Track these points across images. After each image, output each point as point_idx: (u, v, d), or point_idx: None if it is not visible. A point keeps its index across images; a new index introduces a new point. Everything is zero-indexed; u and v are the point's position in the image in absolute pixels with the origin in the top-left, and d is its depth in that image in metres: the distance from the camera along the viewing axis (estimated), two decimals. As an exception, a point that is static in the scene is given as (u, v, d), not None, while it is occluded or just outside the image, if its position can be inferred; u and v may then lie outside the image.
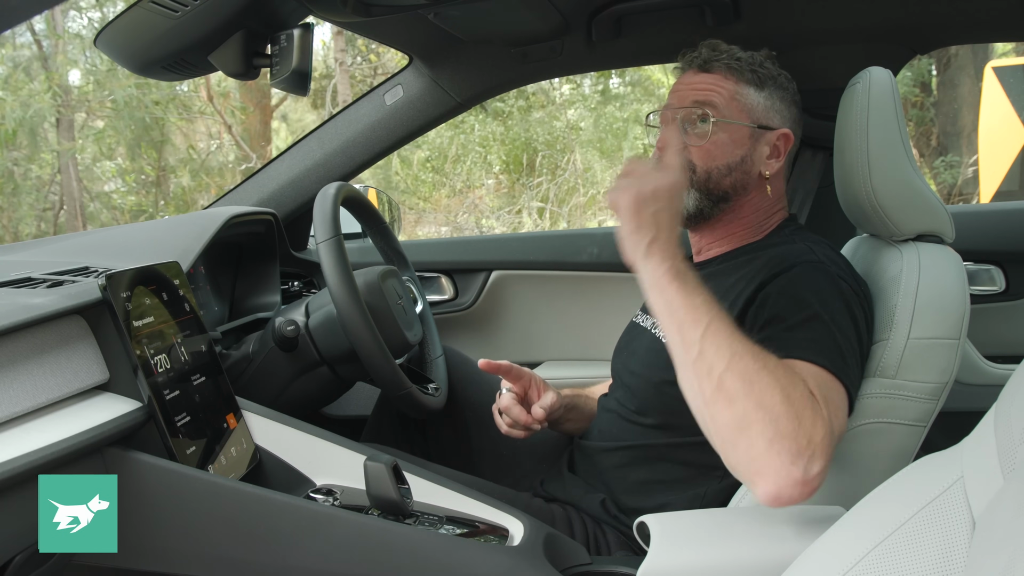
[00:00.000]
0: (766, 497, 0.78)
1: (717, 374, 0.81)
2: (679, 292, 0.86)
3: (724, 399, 0.80)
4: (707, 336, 0.83)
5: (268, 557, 0.86)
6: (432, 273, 1.93)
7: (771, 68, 1.16)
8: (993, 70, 5.22)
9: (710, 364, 0.82)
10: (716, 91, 1.13)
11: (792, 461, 0.77)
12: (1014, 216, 1.78)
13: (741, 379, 0.80)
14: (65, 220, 6.88)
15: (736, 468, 0.81)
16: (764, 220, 1.17)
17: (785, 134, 1.15)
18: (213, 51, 1.11)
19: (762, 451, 0.78)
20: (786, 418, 0.78)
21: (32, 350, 0.81)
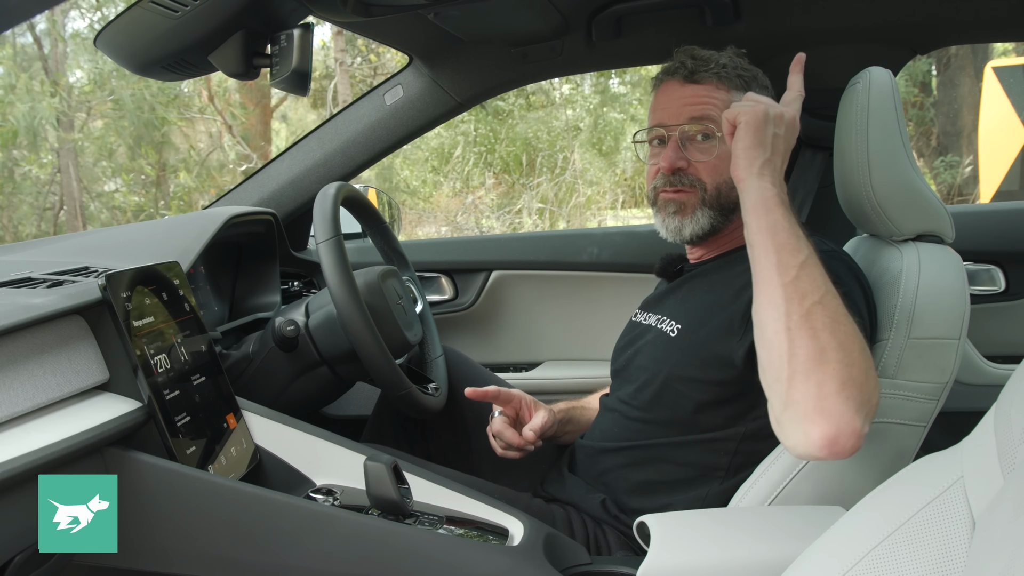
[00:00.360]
0: (823, 439, 0.76)
1: (809, 303, 0.81)
2: (784, 216, 0.87)
3: (809, 329, 0.79)
4: (806, 266, 0.83)
5: (268, 557, 0.86)
6: (432, 273, 1.93)
7: (750, 68, 1.16)
8: (993, 70, 5.23)
9: (804, 291, 0.82)
10: (712, 104, 1.11)
11: (856, 410, 0.77)
12: (1014, 216, 1.78)
13: (830, 316, 0.80)
14: (65, 220, 6.88)
15: (799, 402, 0.78)
16: None
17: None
18: (213, 51, 1.11)
19: (832, 390, 0.77)
20: (860, 368, 0.78)
21: (32, 350, 0.81)
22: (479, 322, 1.92)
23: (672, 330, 1.12)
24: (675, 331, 1.12)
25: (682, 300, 1.16)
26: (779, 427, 0.82)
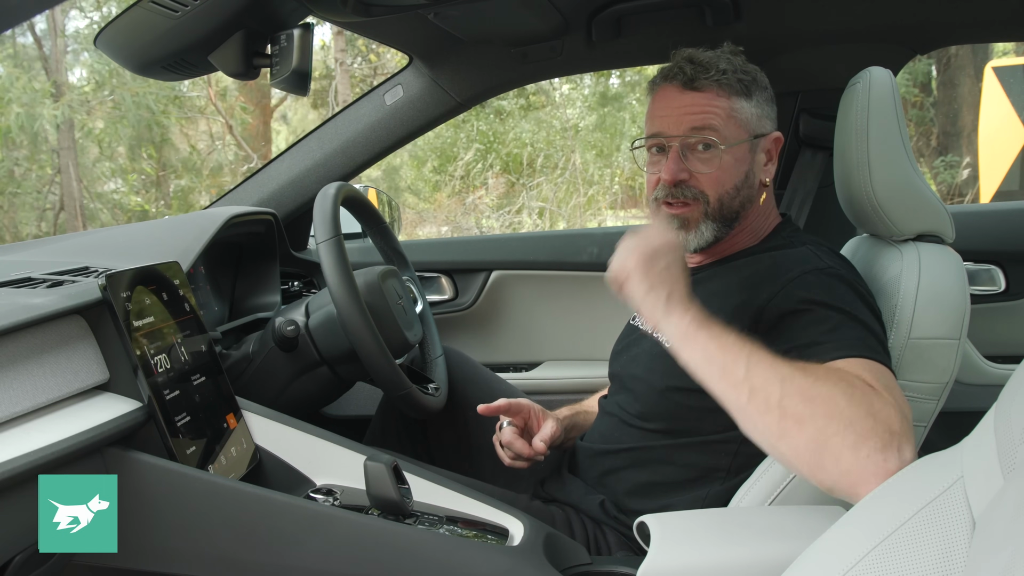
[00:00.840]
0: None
1: (775, 403, 0.79)
2: (709, 338, 0.85)
3: (793, 425, 0.78)
4: (751, 370, 0.81)
5: (268, 557, 0.86)
6: (432, 273, 1.93)
7: (751, 69, 1.12)
8: (993, 70, 5.23)
9: (765, 397, 0.79)
10: (713, 113, 1.08)
11: (884, 457, 0.75)
12: (1014, 216, 1.78)
13: (801, 399, 0.78)
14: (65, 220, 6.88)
15: (834, 487, 0.77)
16: (762, 224, 1.16)
17: (777, 137, 1.14)
18: (213, 51, 1.11)
19: (851, 460, 0.75)
20: (859, 419, 0.76)
21: (32, 350, 0.81)
22: (479, 322, 1.92)
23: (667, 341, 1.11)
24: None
25: None
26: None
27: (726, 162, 1.08)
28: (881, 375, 0.86)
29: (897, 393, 0.84)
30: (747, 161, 1.11)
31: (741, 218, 1.13)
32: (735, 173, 1.10)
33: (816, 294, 0.95)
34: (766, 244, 1.13)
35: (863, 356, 0.88)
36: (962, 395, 1.25)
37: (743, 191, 1.11)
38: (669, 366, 1.08)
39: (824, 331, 0.91)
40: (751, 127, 1.11)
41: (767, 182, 1.13)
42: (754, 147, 1.12)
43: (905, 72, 6.50)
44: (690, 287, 0.92)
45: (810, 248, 1.06)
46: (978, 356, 1.62)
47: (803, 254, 1.04)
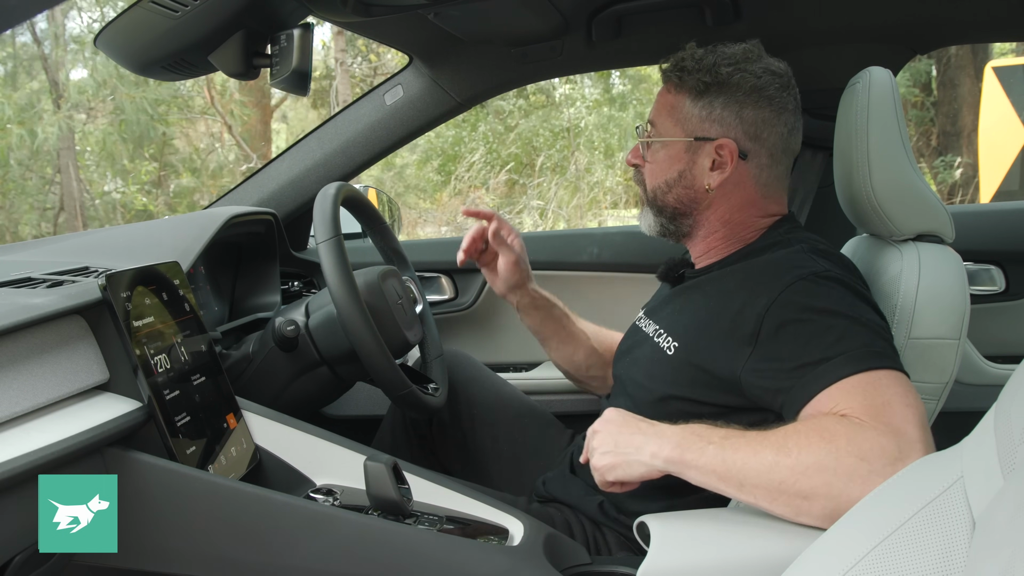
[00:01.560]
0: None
1: (777, 492, 0.83)
2: (695, 459, 0.88)
3: (803, 502, 0.81)
4: (744, 473, 0.84)
5: (268, 557, 0.86)
6: (432, 273, 1.93)
7: (725, 72, 1.08)
8: (993, 70, 5.23)
9: (767, 490, 0.83)
10: (659, 107, 1.14)
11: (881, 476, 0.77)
12: (1014, 216, 1.78)
13: (796, 476, 0.81)
14: (65, 220, 6.88)
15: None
16: (739, 231, 1.13)
17: (725, 144, 1.09)
18: (213, 51, 1.11)
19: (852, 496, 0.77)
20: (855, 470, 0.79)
21: (32, 350, 0.81)
22: (479, 322, 1.92)
23: (669, 348, 1.09)
24: (672, 349, 1.09)
25: (680, 311, 1.14)
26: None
27: (659, 155, 1.14)
28: (879, 388, 0.86)
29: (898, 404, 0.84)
30: (682, 160, 1.12)
31: (694, 217, 1.14)
32: (667, 169, 1.13)
33: (816, 301, 0.94)
34: (761, 243, 1.12)
35: (870, 368, 0.87)
36: (962, 395, 1.25)
37: (675, 189, 1.13)
38: (667, 373, 1.08)
39: (830, 343, 0.91)
40: (689, 127, 1.11)
41: (708, 187, 1.10)
42: (693, 148, 1.11)
43: (905, 72, 6.50)
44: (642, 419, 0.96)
45: (803, 248, 1.04)
46: (978, 356, 1.62)
47: (796, 255, 1.02)
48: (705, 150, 1.10)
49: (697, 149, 1.11)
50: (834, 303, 0.94)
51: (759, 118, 1.10)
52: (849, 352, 0.89)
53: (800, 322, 0.94)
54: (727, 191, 1.11)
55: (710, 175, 1.11)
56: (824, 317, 0.93)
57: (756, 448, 0.85)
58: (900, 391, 0.86)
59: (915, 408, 0.85)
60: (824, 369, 0.89)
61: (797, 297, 0.95)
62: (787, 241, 1.08)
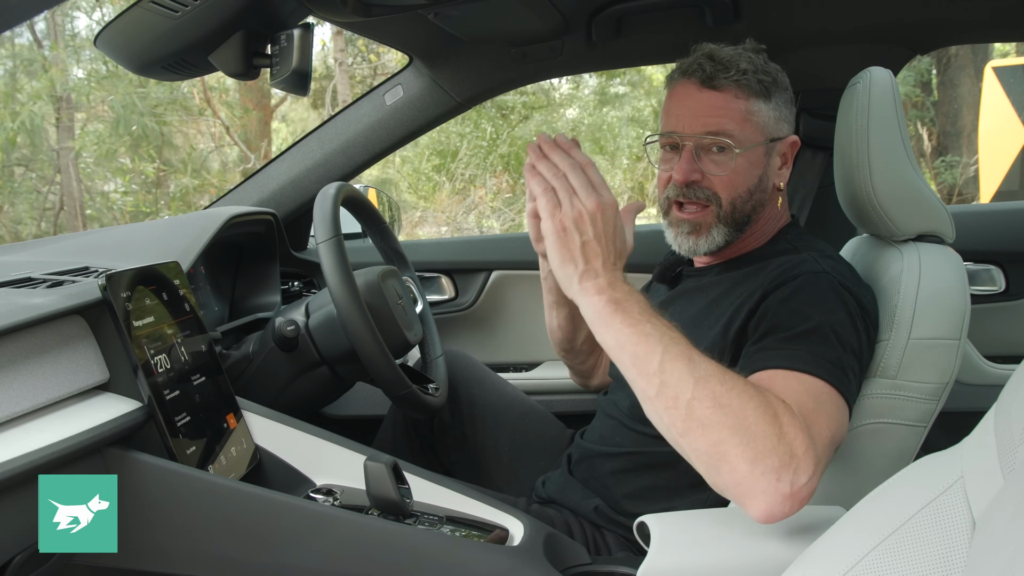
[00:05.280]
0: (759, 516, 0.77)
1: (684, 402, 0.78)
2: (624, 323, 0.82)
3: (697, 427, 0.78)
4: (665, 365, 0.79)
5: (268, 557, 0.86)
6: (432, 273, 1.93)
7: (771, 69, 1.09)
8: (993, 70, 5.23)
9: (675, 394, 0.79)
10: (730, 115, 1.05)
11: (777, 478, 0.76)
12: (1014, 216, 1.78)
13: (711, 404, 0.78)
14: (65, 220, 6.88)
15: (724, 492, 0.80)
16: (772, 227, 1.15)
17: (794, 141, 1.12)
18: (213, 51, 1.11)
19: (745, 473, 0.76)
20: (763, 436, 0.77)
21: (32, 350, 0.81)
22: (479, 322, 1.92)
23: None
24: None
25: (678, 314, 1.13)
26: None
27: (740, 165, 1.06)
28: (817, 396, 0.86)
29: (826, 417, 0.84)
30: (762, 165, 1.09)
31: (753, 221, 1.11)
32: (749, 177, 1.07)
33: (798, 299, 0.95)
34: (771, 247, 1.12)
35: (810, 373, 0.87)
36: (962, 395, 1.25)
37: (756, 195, 1.09)
38: None
39: (787, 337, 0.91)
40: (768, 130, 1.08)
41: (781, 186, 1.12)
42: (770, 150, 1.10)
43: (905, 72, 6.50)
44: (616, 251, 0.87)
45: (811, 254, 1.04)
46: (978, 356, 1.62)
47: (802, 258, 1.03)
48: (777, 149, 1.11)
49: (771, 150, 1.10)
50: (825, 307, 0.94)
51: (794, 113, 1.14)
52: (813, 353, 0.89)
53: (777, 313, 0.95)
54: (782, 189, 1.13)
55: (779, 173, 1.12)
56: (809, 311, 0.93)
57: (693, 356, 0.80)
58: (831, 410, 0.86)
59: (832, 431, 0.85)
60: (785, 352, 0.89)
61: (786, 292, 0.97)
62: (796, 248, 1.09)
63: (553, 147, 0.90)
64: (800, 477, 0.77)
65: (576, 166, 0.87)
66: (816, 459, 0.79)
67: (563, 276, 0.86)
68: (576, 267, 0.85)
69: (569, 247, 0.85)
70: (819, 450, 0.80)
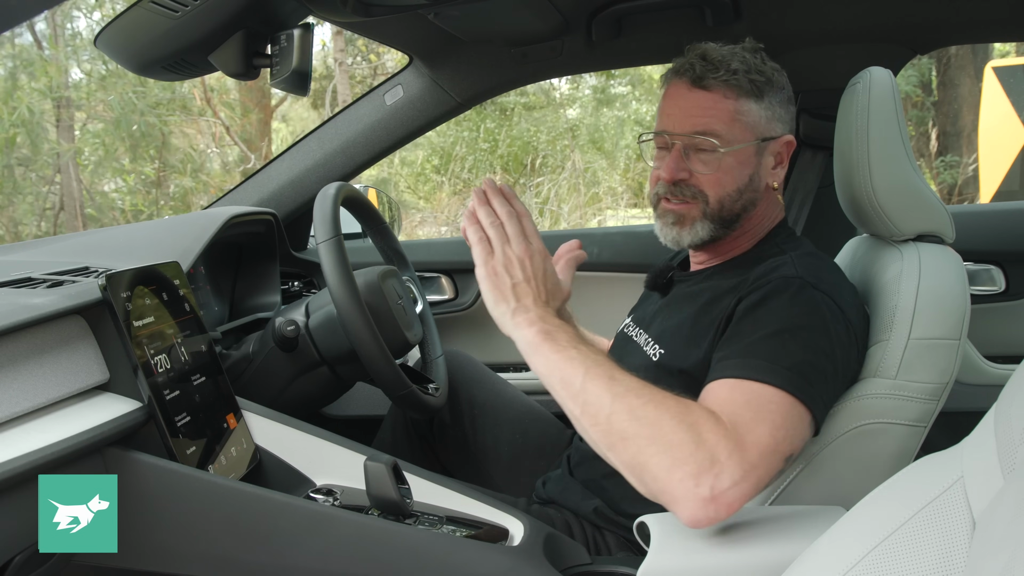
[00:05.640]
0: (685, 521, 0.80)
1: (604, 417, 0.83)
2: (552, 350, 0.87)
3: (618, 440, 0.82)
4: (587, 384, 0.84)
5: (268, 557, 0.86)
6: (432, 273, 1.93)
7: (766, 69, 1.08)
8: (993, 70, 5.23)
9: (596, 410, 0.84)
10: (717, 115, 1.06)
11: (696, 483, 0.78)
12: (1014, 216, 1.78)
13: (628, 417, 0.82)
14: (65, 220, 6.88)
15: (654, 499, 0.83)
16: (763, 226, 1.14)
17: (788, 141, 1.11)
18: (213, 51, 1.11)
19: (664, 480, 0.79)
20: (679, 444, 0.79)
21: (32, 350, 0.81)
22: (479, 322, 1.92)
23: (655, 354, 1.10)
24: (657, 356, 1.10)
25: (668, 319, 1.14)
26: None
27: (727, 164, 1.07)
28: (761, 404, 0.85)
29: (765, 426, 0.83)
30: (752, 164, 1.09)
31: (743, 220, 1.11)
32: (737, 176, 1.08)
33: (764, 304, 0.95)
34: (760, 250, 1.12)
35: (756, 380, 0.87)
36: (962, 395, 1.25)
37: (746, 194, 1.09)
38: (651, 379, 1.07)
39: (742, 347, 0.91)
40: (758, 130, 1.08)
41: (775, 186, 1.12)
42: (761, 150, 1.09)
43: (905, 72, 6.50)
44: (547, 291, 0.93)
45: (792, 256, 1.04)
46: (978, 356, 1.62)
47: (780, 264, 1.02)
48: (770, 149, 1.10)
49: (763, 150, 1.09)
50: (791, 312, 0.93)
51: (793, 113, 1.13)
52: (769, 359, 0.89)
53: (743, 318, 0.95)
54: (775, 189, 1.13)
55: (772, 173, 1.11)
56: (771, 318, 0.93)
57: (613, 376, 0.85)
58: (777, 419, 0.85)
59: (776, 440, 0.84)
60: (737, 362, 0.90)
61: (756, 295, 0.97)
62: (781, 251, 1.08)
63: (496, 193, 0.98)
64: (722, 481, 0.78)
65: (513, 215, 0.96)
66: (746, 465, 0.79)
67: (498, 315, 0.93)
68: (508, 305, 0.92)
69: (501, 289, 0.92)
70: (752, 457, 0.80)
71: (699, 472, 0.78)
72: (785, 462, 0.85)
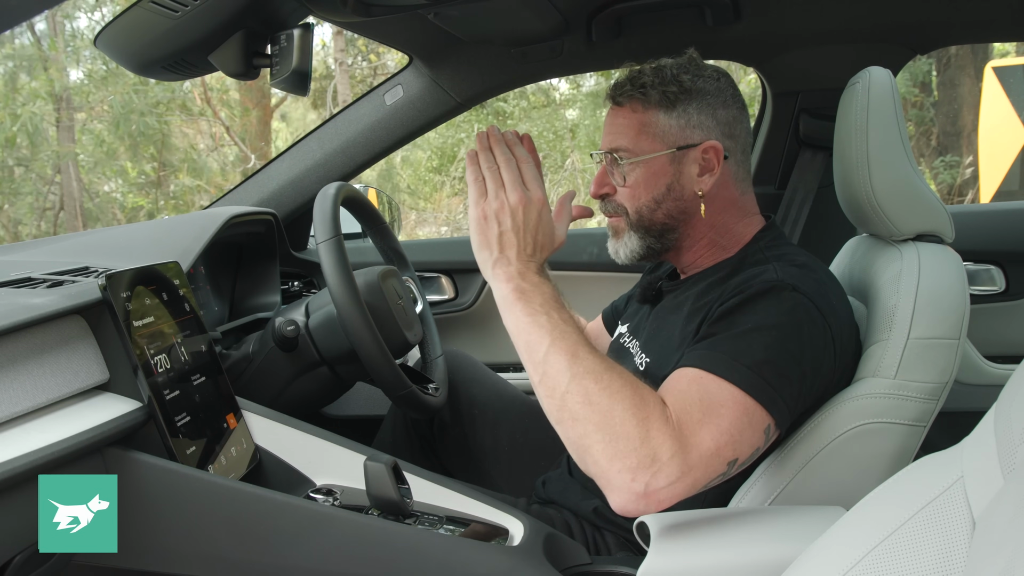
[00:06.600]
0: (614, 507, 0.82)
1: (560, 394, 0.84)
2: (524, 311, 0.88)
3: (568, 418, 0.83)
4: (549, 356, 0.85)
5: (268, 557, 0.86)
6: (432, 273, 1.93)
7: (685, 79, 1.08)
8: (993, 70, 5.23)
9: (553, 384, 0.85)
10: (625, 129, 1.09)
11: (632, 477, 0.79)
12: (1014, 216, 1.78)
13: (582, 400, 0.83)
14: (65, 220, 6.88)
15: (589, 476, 0.84)
16: (726, 235, 1.12)
17: (712, 147, 1.07)
18: (213, 51, 1.11)
19: (604, 468, 0.81)
20: (625, 437, 0.80)
21: (32, 350, 0.81)
22: (479, 322, 1.92)
23: (641, 363, 1.11)
24: (643, 365, 1.10)
25: (656, 330, 1.14)
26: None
27: (639, 176, 1.09)
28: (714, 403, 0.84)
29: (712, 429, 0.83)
30: (667, 173, 1.08)
31: (680, 230, 1.11)
32: (651, 186, 1.08)
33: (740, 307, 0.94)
34: (740, 258, 1.09)
35: (715, 374, 0.87)
36: (962, 395, 1.25)
37: (665, 204, 1.09)
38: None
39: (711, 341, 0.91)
40: (669, 139, 1.08)
41: (700, 193, 1.09)
42: (677, 159, 1.08)
43: (905, 72, 6.50)
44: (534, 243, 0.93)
45: (775, 265, 1.01)
46: (978, 356, 1.62)
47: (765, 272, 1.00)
48: (690, 157, 1.08)
49: (681, 159, 1.08)
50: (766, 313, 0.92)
51: (730, 116, 1.10)
52: (731, 355, 0.88)
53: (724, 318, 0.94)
54: (713, 194, 1.10)
55: (699, 181, 1.09)
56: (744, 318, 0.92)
57: (576, 352, 0.85)
58: (725, 422, 0.84)
59: (719, 444, 0.83)
60: (701, 353, 0.90)
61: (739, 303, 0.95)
62: (765, 259, 1.05)
63: (498, 140, 0.96)
64: (658, 480, 0.79)
65: (511, 161, 0.94)
66: (684, 467, 0.80)
67: (480, 260, 0.93)
68: (491, 254, 0.92)
69: (487, 235, 0.92)
70: (692, 459, 0.81)
71: (638, 467, 0.79)
72: (728, 466, 0.85)
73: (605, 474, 0.81)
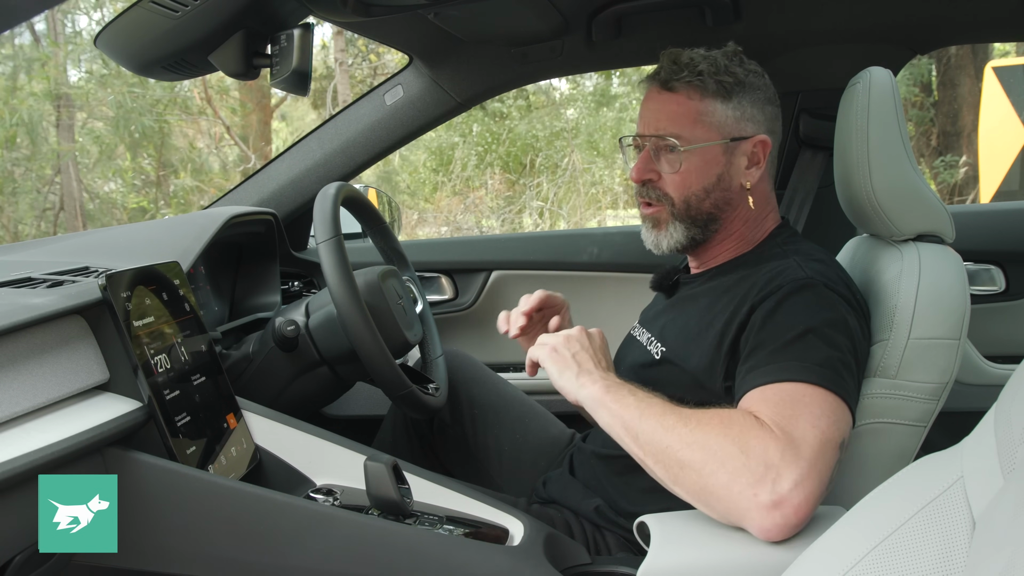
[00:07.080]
0: (757, 535, 0.81)
1: (662, 451, 0.87)
2: (613, 400, 0.93)
3: (679, 470, 0.85)
4: (641, 423, 0.89)
5: (268, 557, 0.86)
6: (432, 273, 1.93)
7: (738, 71, 1.09)
8: (993, 70, 5.23)
9: (654, 447, 0.87)
10: (681, 116, 1.08)
11: (755, 492, 0.79)
12: (1014, 216, 1.78)
13: (681, 445, 0.85)
14: (65, 220, 6.88)
15: (727, 521, 0.84)
16: (754, 230, 1.14)
17: (761, 141, 1.10)
18: (213, 51, 1.11)
19: (728, 499, 0.81)
20: (731, 458, 0.81)
21: (32, 350, 0.81)
22: (479, 322, 1.92)
23: (656, 352, 1.11)
24: (659, 354, 1.11)
25: (673, 320, 1.15)
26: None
27: (692, 164, 1.08)
28: (798, 400, 0.86)
29: (807, 420, 0.84)
30: (719, 164, 1.09)
31: (722, 221, 1.12)
32: (703, 176, 1.09)
33: (782, 311, 0.96)
34: (759, 252, 1.12)
35: (789, 381, 0.88)
36: (962, 395, 1.25)
37: (714, 194, 1.10)
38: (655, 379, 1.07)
39: (769, 352, 0.92)
40: (725, 130, 1.09)
41: (748, 186, 1.11)
42: (731, 150, 1.09)
43: (905, 72, 6.50)
44: (606, 359, 1.02)
45: (797, 259, 1.04)
46: (978, 356, 1.62)
47: (788, 265, 1.03)
48: (741, 149, 1.10)
49: (734, 150, 1.10)
50: (809, 312, 0.94)
51: (774, 113, 1.13)
52: (799, 359, 0.90)
53: (762, 328, 0.96)
54: (754, 187, 1.12)
55: (747, 173, 1.11)
56: (793, 321, 0.94)
57: (665, 411, 0.89)
58: (817, 410, 0.86)
59: (821, 430, 0.84)
60: (768, 368, 0.91)
61: (771, 305, 0.97)
62: (784, 253, 1.08)
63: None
64: (782, 484, 0.79)
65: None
66: (803, 461, 0.80)
67: (565, 382, 0.98)
68: (572, 370, 0.98)
69: (564, 360, 0.99)
70: (806, 452, 0.81)
71: (756, 481, 0.79)
72: (840, 450, 0.86)
73: (734, 505, 0.81)
